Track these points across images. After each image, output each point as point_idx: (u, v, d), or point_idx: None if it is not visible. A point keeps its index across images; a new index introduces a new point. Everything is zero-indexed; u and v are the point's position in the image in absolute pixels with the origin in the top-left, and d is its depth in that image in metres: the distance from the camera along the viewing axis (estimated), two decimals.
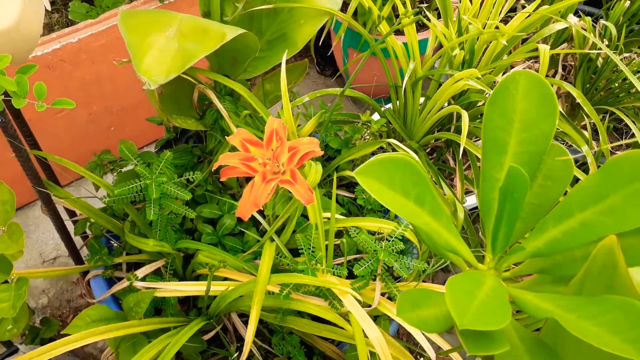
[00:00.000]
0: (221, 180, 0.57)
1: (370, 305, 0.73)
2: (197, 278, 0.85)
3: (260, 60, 0.96)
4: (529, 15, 0.98)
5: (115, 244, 0.93)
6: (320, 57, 1.77)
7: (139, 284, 0.74)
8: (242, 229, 0.90)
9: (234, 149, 0.63)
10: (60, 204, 0.79)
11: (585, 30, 1.15)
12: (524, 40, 1.27)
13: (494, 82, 0.86)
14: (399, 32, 1.44)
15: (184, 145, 0.92)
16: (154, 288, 0.73)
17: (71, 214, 0.96)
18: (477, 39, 0.96)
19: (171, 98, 0.88)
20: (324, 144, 1.10)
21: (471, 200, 1.09)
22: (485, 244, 0.45)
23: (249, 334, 0.65)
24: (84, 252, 0.93)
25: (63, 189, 0.79)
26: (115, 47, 1.22)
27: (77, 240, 0.97)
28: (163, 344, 0.71)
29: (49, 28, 1.31)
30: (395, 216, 1.01)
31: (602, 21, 1.25)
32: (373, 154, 1.11)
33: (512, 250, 0.37)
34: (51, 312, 1.18)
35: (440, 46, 1.05)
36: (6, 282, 0.63)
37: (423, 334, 0.74)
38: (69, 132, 1.29)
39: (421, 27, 1.47)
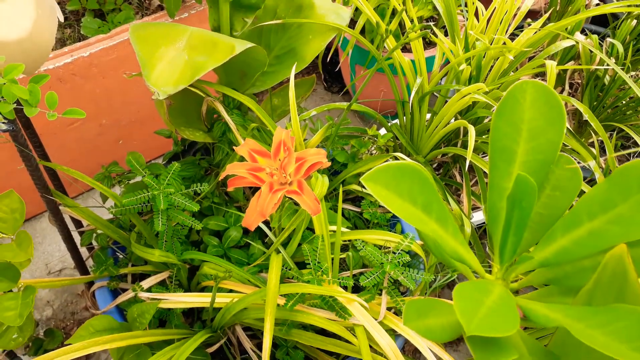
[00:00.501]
0: (228, 190, 0.57)
1: (376, 319, 0.73)
2: (202, 290, 0.85)
3: (269, 75, 0.97)
4: (537, 32, 0.98)
5: (121, 256, 0.93)
6: (328, 74, 1.79)
7: (143, 295, 0.73)
8: (247, 241, 0.90)
9: (242, 159, 0.64)
10: (68, 213, 0.79)
11: (592, 48, 1.16)
12: (530, 58, 1.28)
13: (501, 97, 0.87)
14: (406, 50, 1.45)
15: (192, 158, 0.93)
16: (158, 299, 0.73)
17: (78, 224, 0.97)
18: (484, 56, 0.97)
19: (180, 110, 0.89)
20: (330, 158, 1.10)
21: (478, 217, 1.08)
22: (492, 258, 0.45)
23: (265, 346, 0.64)
24: (90, 264, 0.93)
25: (71, 199, 0.80)
26: (125, 61, 1.24)
27: (83, 253, 0.98)
28: (167, 355, 0.71)
29: (61, 43, 1.34)
30: (402, 230, 1.01)
31: (608, 39, 1.26)
32: None
33: (520, 260, 0.37)
34: (55, 324, 1.18)
35: (447, 63, 1.05)
36: (11, 290, 0.63)
37: (430, 350, 0.73)
38: (78, 144, 1.30)
39: (428, 44, 1.48)
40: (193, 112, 0.91)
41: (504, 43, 0.88)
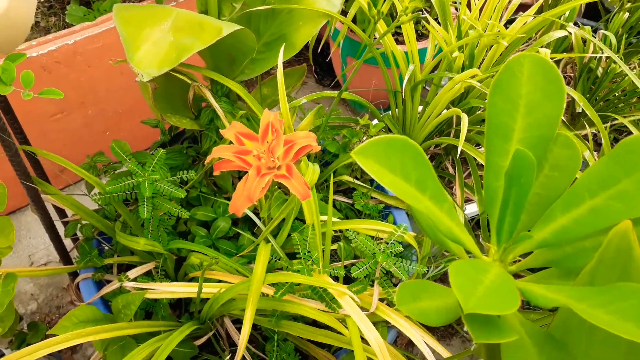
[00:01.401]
0: (214, 174, 0.55)
1: (367, 310, 0.71)
2: (190, 282, 0.82)
3: (258, 62, 0.95)
4: (531, 19, 0.97)
5: (106, 247, 0.90)
6: (319, 67, 1.77)
7: (129, 285, 0.71)
8: (237, 232, 0.87)
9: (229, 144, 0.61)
10: (50, 202, 0.76)
11: (586, 35, 1.15)
12: (522, 50, 1.26)
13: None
14: (399, 43, 1.43)
15: (179, 146, 0.90)
16: (144, 289, 0.71)
17: (62, 215, 0.94)
18: (477, 44, 0.95)
19: (166, 97, 0.87)
20: (321, 149, 1.09)
21: (471, 209, 1.07)
22: (489, 241, 0.43)
23: (242, 335, 0.62)
24: (75, 255, 0.90)
25: (53, 187, 0.77)
26: (111, 50, 1.21)
27: (69, 245, 0.95)
28: (152, 347, 0.68)
29: (45, 31, 1.31)
30: (394, 222, 0.99)
31: (601, 31, 1.25)
32: None
33: (518, 239, 0.35)
34: (40, 318, 1.15)
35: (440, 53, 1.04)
36: None
37: (425, 342, 0.71)
38: (63, 135, 1.27)
39: (420, 37, 1.47)
40: (179, 99, 0.88)
41: (498, 30, 0.86)
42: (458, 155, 0.88)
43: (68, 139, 1.29)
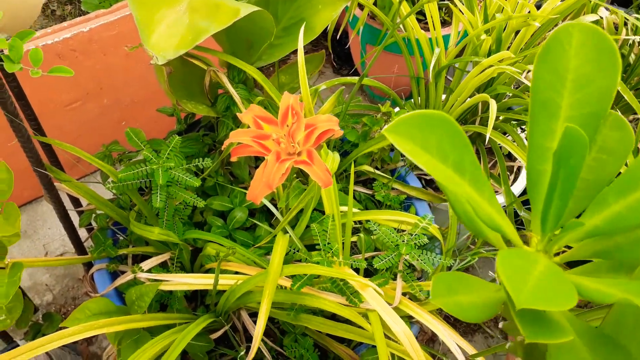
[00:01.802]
0: (231, 160, 0.52)
1: (390, 305, 0.68)
2: (206, 273, 0.80)
3: (277, 48, 0.92)
4: (560, 3, 0.92)
5: (121, 237, 0.88)
6: (337, 56, 1.73)
7: (142, 276, 0.69)
8: (254, 223, 0.85)
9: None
10: (64, 190, 0.75)
11: (616, 25, 1.09)
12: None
13: (525, 71, 0.81)
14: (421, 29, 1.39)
15: (195, 134, 0.88)
16: (159, 280, 0.68)
17: (77, 204, 0.92)
18: (505, 27, 0.91)
19: (183, 83, 0.84)
20: (340, 138, 1.05)
21: (499, 199, 1.02)
22: (529, 233, 0.40)
23: (258, 328, 0.60)
24: (89, 245, 0.89)
25: (66, 174, 0.75)
26: (127, 38, 1.19)
27: (83, 235, 0.93)
28: (167, 340, 0.66)
29: (61, 19, 1.29)
30: (416, 213, 0.95)
31: (633, 16, 1.19)
32: (392, 149, 1.05)
33: (567, 227, 0.32)
34: (55, 309, 1.14)
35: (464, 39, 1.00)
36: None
37: (449, 338, 0.68)
38: (79, 125, 1.26)
39: (442, 24, 1.42)
40: (196, 86, 0.86)
41: (528, 11, 0.82)
42: (486, 143, 0.84)
43: (84, 128, 1.28)
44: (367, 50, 1.44)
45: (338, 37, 1.68)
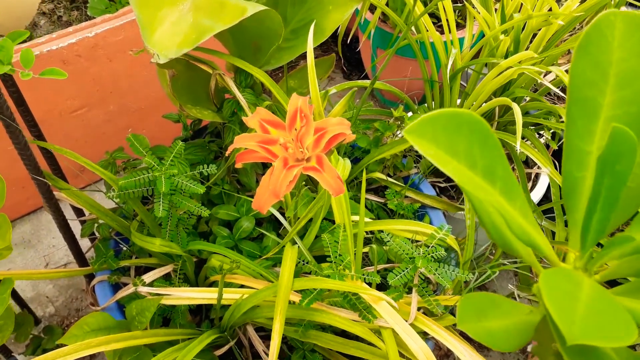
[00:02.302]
0: (236, 166, 0.49)
1: (405, 321, 0.64)
2: (211, 286, 0.77)
3: (285, 51, 0.89)
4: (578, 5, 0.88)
5: (124, 248, 0.85)
6: (348, 62, 1.70)
7: (143, 290, 0.66)
8: (261, 233, 0.81)
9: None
10: (64, 200, 0.72)
11: None
12: (569, 36, 1.17)
13: (545, 72, 0.77)
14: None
15: (200, 140, 0.85)
16: (160, 294, 0.65)
17: (79, 213, 0.89)
18: (524, 28, 0.87)
19: (187, 88, 0.81)
20: (350, 144, 1.02)
21: None
22: (564, 248, 0.36)
23: (272, 349, 0.56)
24: (91, 256, 0.85)
25: (65, 182, 0.72)
26: (133, 43, 1.17)
27: (86, 245, 0.91)
28: (169, 358, 0.63)
29: (67, 25, 1.27)
30: (431, 222, 0.91)
31: None
32: (405, 156, 1.01)
33: (613, 242, 0.28)
34: (58, 322, 1.11)
35: (480, 40, 0.96)
36: None
37: (468, 357, 0.64)
38: (84, 132, 1.23)
39: (457, 27, 1.39)
40: (201, 90, 0.83)
41: (550, 9, 0.78)
42: (506, 149, 0.80)
43: (89, 135, 1.25)
44: (378, 54, 1.40)
45: (348, 42, 1.65)
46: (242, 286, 0.69)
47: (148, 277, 0.73)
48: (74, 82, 1.13)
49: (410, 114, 0.99)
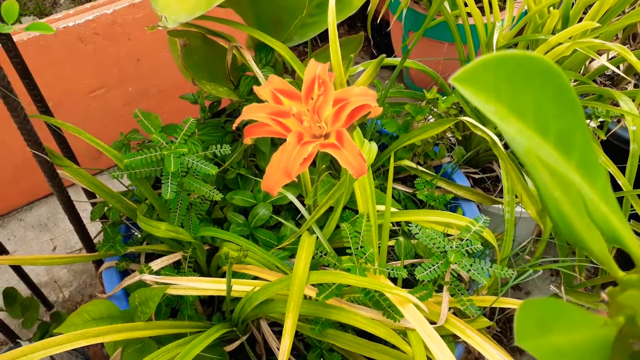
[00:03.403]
0: (244, 141, 0.43)
1: (435, 323, 0.57)
2: (224, 276, 0.71)
3: (309, 27, 0.82)
4: None
5: (136, 233, 0.81)
6: (377, 47, 1.62)
7: (147, 278, 0.60)
8: (278, 221, 0.75)
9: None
10: (67, 178, 0.67)
11: None
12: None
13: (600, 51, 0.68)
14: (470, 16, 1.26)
15: (216, 120, 0.79)
16: (165, 284, 0.60)
17: (91, 196, 0.85)
18: (574, 3, 0.78)
19: (204, 64, 0.76)
20: (378, 129, 0.95)
21: None
22: None
23: (282, 349, 0.50)
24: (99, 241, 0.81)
25: (69, 160, 0.68)
26: (152, 21, 1.12)
27: (98, 228, 0.87)
28: (172, 352, 0.57)
29: (86, 2, 1.24)
30: (464, 214, 0.83)
31: None
32: (437, 144, 0.94)
33: None
34: (71, 307, 1.08)
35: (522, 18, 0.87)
36: None
37: None
38: (103, 114, 1.20)
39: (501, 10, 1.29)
40: (218, 67, 0.77)
41: None
42: None
43: (108, 117, 1.22)
44: (409, 37, 1.32)
45: (378, 25, 1.58)
46: (255, 278, 0.63)
47: (155, 265, 0.68)
48: (92, 61, 1.10)
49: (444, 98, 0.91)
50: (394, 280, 0.62)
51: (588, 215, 0.21)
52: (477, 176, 0.97)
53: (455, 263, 0.55)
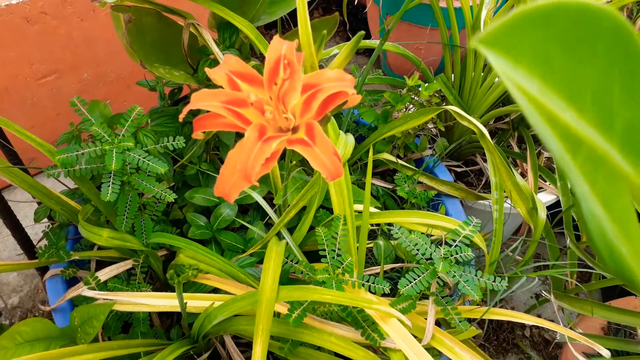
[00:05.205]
0: (192, 135, 0.35)
1: (417, 337, 0.50)
2: (184, 285, 0.63)
3: (278, 5, 0.74)
4: None
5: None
6: (353, 31, 1.55)
7: (90, 294, 0.52)
8: (244, 223, 0.68)
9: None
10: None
11: None
12: None
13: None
14: None
15: (173, 109, 0.71)
16: (110, 300, 0.52)
17: None
18: None
19: (159, 46, 0.67)
20: (354, 120, 0.87)
21: (544, 198, 0.84)
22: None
23: None
24: (41, 246, 0.72)
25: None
26: None
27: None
28: None
29: None
30: (447, 213, 0.77)
31: None
32: (418, 135, 0.87)
33: None
34: (21, 315, 0.99)
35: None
36: None
37: None
38: (54, 102, 1.09)
39: None
40: (176, 50, 0.68)
41: None
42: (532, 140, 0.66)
43: (62, 106, 1.11)
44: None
45: (354, 8, 1.50)
46: (215, 290, 0.55)
47: (103, 275, 0.59)
48: (40, 44, 0.99)
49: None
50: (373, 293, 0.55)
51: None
52: (459, 169, 0.91)
53: (444, 273, 0.49)
